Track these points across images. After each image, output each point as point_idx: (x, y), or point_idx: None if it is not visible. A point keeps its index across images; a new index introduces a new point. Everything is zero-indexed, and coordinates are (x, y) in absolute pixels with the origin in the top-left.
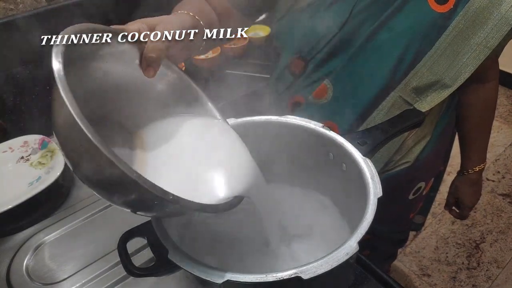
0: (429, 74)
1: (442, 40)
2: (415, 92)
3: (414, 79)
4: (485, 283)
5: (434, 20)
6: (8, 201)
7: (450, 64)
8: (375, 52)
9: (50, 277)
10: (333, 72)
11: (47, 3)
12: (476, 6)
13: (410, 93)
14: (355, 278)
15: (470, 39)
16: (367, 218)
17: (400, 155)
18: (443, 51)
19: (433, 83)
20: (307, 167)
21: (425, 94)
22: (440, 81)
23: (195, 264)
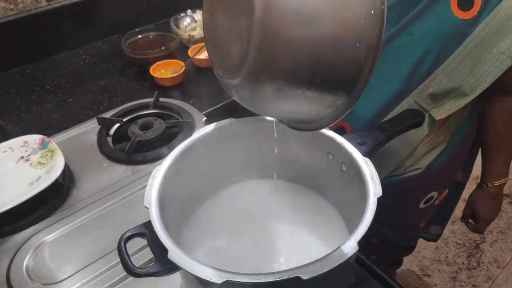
0: (447, 80)
1: (463, 47)
2: (432, 98)
3: (432, 85)
4: (485, 283)
5: (456, 27)
6: (8, 201)
7: (470, 72)
8: (393, 55)
9: (50, 277)
10: None
11: (47, 3)
12: (502, 14)
13: (426, 99)
14: (355, 278)
15: (492, 47)
16: (366, 218)
17: (411, 161)
18: (464, 58)
19: (451, 90)
20: (307, 167)
21: (442, 101)
22: (458, 89)
23: (195, 264)
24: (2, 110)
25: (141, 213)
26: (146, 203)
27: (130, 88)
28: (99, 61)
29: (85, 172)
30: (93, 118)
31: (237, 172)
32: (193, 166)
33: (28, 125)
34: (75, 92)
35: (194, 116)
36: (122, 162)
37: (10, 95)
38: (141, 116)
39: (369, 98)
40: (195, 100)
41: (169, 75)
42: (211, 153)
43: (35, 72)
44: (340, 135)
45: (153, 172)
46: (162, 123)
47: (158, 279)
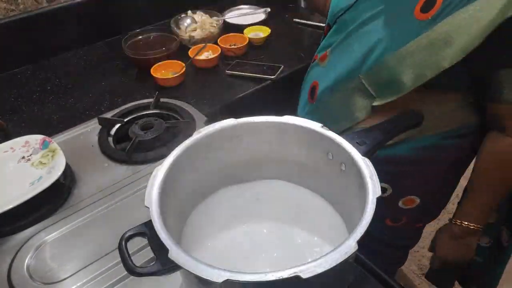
0: (388, 72)
1: (410, 46)
2: (375, 85)
3: (375, 72)
4: None
5: (410, 26)
6: (10, 201)
7: (410, 68)
8: (359, 38)
9: (51, 276)
10: (333, 44)
11: (48, 4)
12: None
13: (371, 84)
14: (354, 277)
15: (434, 54)
16: (366, 217)
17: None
18: (405, 56)
19: (391, 80)
20: (306, 167)
21: (382, 89)
22: (397, 81)
23: (195, 264)
24: (3, 110)
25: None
26: (147, 202)
27: (131, 89)
28: (100, 61)
29: (86, 172)
30: (94, 118)
31: (237, 172)
32: (193, 166)
33: (29, 125)
34: (76, 92)
35: (195, 116)
36: (123, 162)
37: (11, 96)
38: (142, 116)
39: (335, 69)
40: (195, 100)
41: (169, 76)
42: (211, 153)
43: (36, 72)
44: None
45: (154, 172)
46: (163, 123)
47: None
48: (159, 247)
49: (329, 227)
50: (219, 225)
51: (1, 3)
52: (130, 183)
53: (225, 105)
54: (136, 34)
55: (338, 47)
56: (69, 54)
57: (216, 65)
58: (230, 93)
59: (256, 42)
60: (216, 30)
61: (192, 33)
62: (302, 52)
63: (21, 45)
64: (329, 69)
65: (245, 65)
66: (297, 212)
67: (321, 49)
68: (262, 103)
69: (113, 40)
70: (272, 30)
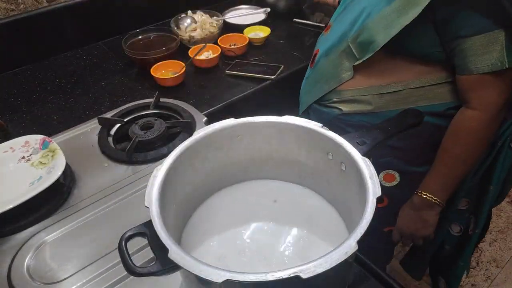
0: (368, 34)
1: (387, 8)
2: (360, 46)
3: (359, 34)
4: (484, 282)
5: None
6: (9, 201)
7: (383, 29)
8: (351, 8)
9: (51, 276)
10: (335, 16)
11: (48, 4)
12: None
13: (356, 46)
14: (354, 277)
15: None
16: (366, 217)
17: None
18: (381, 19)
19: (370, 42)
20: (306, 167)
21: (364, 50)
22: (373, 43)
23: (195, 264)
24: (3, 110)
25: (142, 212)
26: (147, 202)
27: (131, 89)
28: (100, 61)
29: (86, 172)
30: (94, 118)
31: (237, 172)
32: (193, 166)
33: (29, 125)
34: (76, 92)
35: (195, 116)
36: (123, 162)
37: (11, 95)
38: (142, 116)
39: (333, 35)
40: (195, 100)
41: (169, 76)
42: (211, 153)
43: (36, 72)
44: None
45: (154, 172)
46: (163, 123)
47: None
48: (159, 247)
49: (329, 227)
50: (219, 225)
51: (1, 3)
52: (130, 183)
53: (225, 105)
54: (136, 34)
55: (337, 18)
56: (69, 54)
57: (216, 65)
58: (230, 93)
59: (256, 42)
60: (216, 30)
61: (192, 33)
62: (302, 52)
63: (21, 45)
64: (328, 37)
65: (245, 65)
66: (297, 212)
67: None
68: (262, 103)
69: (113, 40)
70: (272, 30)
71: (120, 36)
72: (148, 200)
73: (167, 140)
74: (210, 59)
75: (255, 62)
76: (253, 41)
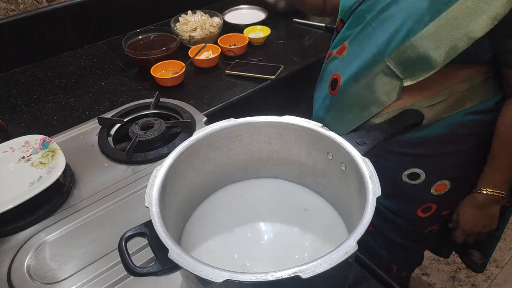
0: (416, 51)
1: (436, 21)
2: (402, 66)
3: (402, 52)
4: (484, 282)
5: (433, 2)
6: (9, 201)
7: (438, 46)
8: (381, 24)
9: (51, 276)
10: (351, 36)
11: (48, 4)
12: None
13: (397, 66)
14: (354, 277)
15: (461, 28)
16: (366, 217)
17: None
18: (433, 33)
19: (419, 59)
20: (306, 167)
21: (411, 70)
22: (426, 60)
23: (195, 264)
24: (3, 110)
25: (142, 212)
26: (147, 202)
27: (131, 89)
28: (100, 61)
29: (86, 172)
30: (94, 118)
31: (237, 172)
32: (193, 166)
33: (29, 125)
34: (76, 92)
35: (195, 116)
36: (123, 162)
37: (11, 95)
38: (142, 116)
39: (358, 58)
40: (195, 100)
41: (169, 76)
42: (211, 153)
43: (36, 72)
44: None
45: (154, 172)
46: (163, 123)
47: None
48: (159, 247)
49: (329, 227)
50: (219, 225)
51: (1, 3)
52: (130, 183)
53: (225, 105)
54: (136, 34)
55: (357, 37)
56: (69, 54)
57: (216, 65)
58: (230, 93)
59: (256, 42)
60: (216, 30)
61: (192, 33)
62: (302, 52)
63: (21, 45)
64: (350, 59)
65: (245, 65)
66: (297, 212)
67: (337, 43)
68: (262, 103)
69: (113, 40)
70: (272, 30)
71: (120, 36)
72: (148, 200)
73: (167, 140)
74: (210, 59)
75: (255, 62)
76: (253, 41)
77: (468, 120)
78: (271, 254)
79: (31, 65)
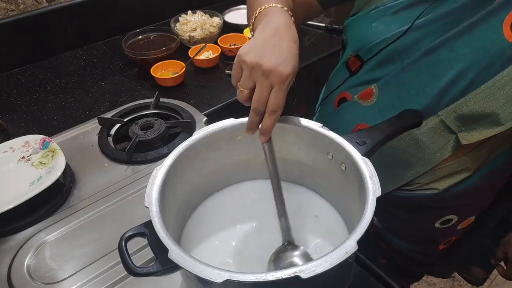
0: (481, 105)
1: (506, 73)
2: (461, 121)
3: (463, 106)
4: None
5: (503, 50)
6: (9, 201)
7: (508, 101)
8: (429, 69)
9: (51, 276)
10: (382, 79)
11: (48, 4)
12: None
13: (454, 120)
14: (354, 277)
15: None
16: (366, 217)
17: (428, 179)
18: (504, 85)
19: (483, 116)
20: (307, 167)
21: (471, 126)
22: (491, 116)
23: (195, 264)
24: (3, 110)
25: (142, 212)
26: (147, 202)
27: (131, 89)
28: (100, 61)
29: (86, 172)
30: (94, 118)
31: (237, 172)
32: (193, 166)
33: (29, 125)
34: (76, 92)
35: (194, 116)
36: (123, 162)
37: (11, 95)
38: (142, 116)
39: (397, 109)
40: (195, 100)
41: (169, 76)
42: (211, 153)
43: (36, 72)
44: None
45: (154, 172)
46: (163, 123)
47: (158, 279)
48: (158, 247)
49: (329, 227)
50: (219, 225)
51: (1, 3)
52: (130, 183)
53: (225, 105)
54: (136, 34)
55: (392, 82)
56: (69, 54)
57: (216, 65)
58: (230, 93)
59: None
60: (216, 30)
61: (192, 33)
62: (302, 52)
63: (21, 45)
64: (384, 108)
65: None
66: (297, 212)
67: (357, 85)
68: None
69: (113, 40)
70: None
71: (120, 36)
72: (148, 200)
73: (167, 140)
74: (210, 59)
75: None
76: None
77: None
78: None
79: (31, 65)
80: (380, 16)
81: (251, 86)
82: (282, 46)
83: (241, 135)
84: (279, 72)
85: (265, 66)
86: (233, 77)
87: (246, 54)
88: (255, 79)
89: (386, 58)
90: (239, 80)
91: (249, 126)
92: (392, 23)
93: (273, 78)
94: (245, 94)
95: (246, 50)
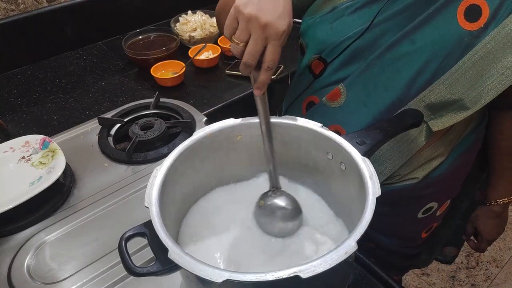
0: (447, 92)
1: (467, 60)
2: (430, 109)
3: (430, 95)
4: (484, 282)
5: (460, 37)
6: (9, 201)
7: (471, 85)
8: (393, 63)
9: (51, 276)
10: (348, 78)
11: (48, 4)
12: (510, 28)
13: (424, 109)
14: (354, 277)
15: (498, 61)
16: (365, 217)
17: (407, 170)
18: (466, 71)
19: (450, 102)
20: (306, 167)
21: (440, 113)
22: (458, 102)
23: (195, 263)
24: (3, 110)
25: (142, 212)
26: (147, 202)
27: (131, 89)
28: (100, 61)
29: (86, 172)
30: (94, 118)
31: (237, 172)
32: (193, 166)
33: (29, 125)
34: (76, 92)
35: (195, 116)
36: (123, 162)
37: (11, 95)
38: (142, 116)
39: (367, 105)
40: (195, 100)
41: (169, 76)
42: (211, 153)
43: (36, 72)
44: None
45: (154, 172)
46: (163, 123)
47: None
48: (158, 247)
49: (328, 227)
50: (219, 225)
51: (1, 3)
52: (130, 183)
53: (225, 105)
54: (136, 34)
55: (358, 80)
56: (69, 54)
57: (216, 65)
58: (230, 93)
59: None
60: (216, 30)
61: (192, 33)
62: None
63: (21, 45)
64: (354, 107)
65: None
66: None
67: (323, 87)
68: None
69: (113, 40)
70: None
71: (120, 36)
72: (148, 200)
73: (167, 140)
74: (210, 59)
75: None
76: None
77: (472, 138)
78: (271, 254)
79: (31, 65)
80: (339, 16)
81: (247, 39)
82: (279, 2)
83: (241, 135)
84: (276, 27)
85: (262, 19)
86: (226, 28)
87: (244, 6)
88: (251, 31)
89: (350, 57)
90: (233, 32)
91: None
92: (351, 22)
93: (269, 32)
94: (240, 48)
95: (244, 2)
